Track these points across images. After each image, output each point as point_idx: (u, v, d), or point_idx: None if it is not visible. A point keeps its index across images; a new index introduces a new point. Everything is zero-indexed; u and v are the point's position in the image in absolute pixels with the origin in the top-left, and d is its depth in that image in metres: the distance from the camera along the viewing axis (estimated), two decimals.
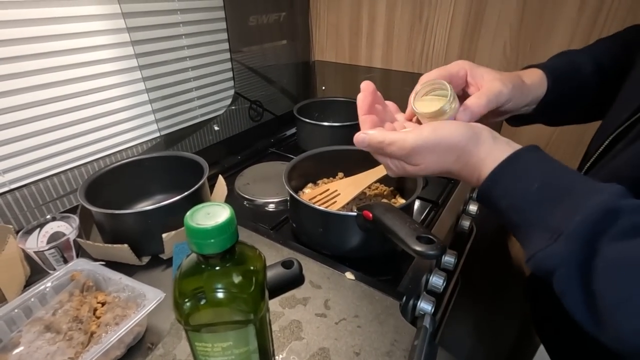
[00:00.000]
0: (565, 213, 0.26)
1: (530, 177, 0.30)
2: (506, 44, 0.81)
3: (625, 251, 0.24)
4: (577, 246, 0.25)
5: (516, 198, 0.30)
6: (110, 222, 0.56)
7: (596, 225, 0.25)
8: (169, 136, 0.83)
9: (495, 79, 0.41)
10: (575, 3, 0.71)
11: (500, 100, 0.40)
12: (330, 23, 1.05)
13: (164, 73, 0.78)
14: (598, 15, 0.70)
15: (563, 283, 0.26)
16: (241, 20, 0.90)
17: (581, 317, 0.26)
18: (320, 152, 0.72)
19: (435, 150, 0.35)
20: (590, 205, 0.25)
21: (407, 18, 0.91)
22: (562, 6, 0.73)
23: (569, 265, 0.25)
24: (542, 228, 0.27)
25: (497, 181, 0.31)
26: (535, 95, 0.45)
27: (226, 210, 0.25)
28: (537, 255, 0.27)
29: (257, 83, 1.01)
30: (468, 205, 0.82)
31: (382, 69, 1.01)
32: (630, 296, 0.23)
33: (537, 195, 0.29)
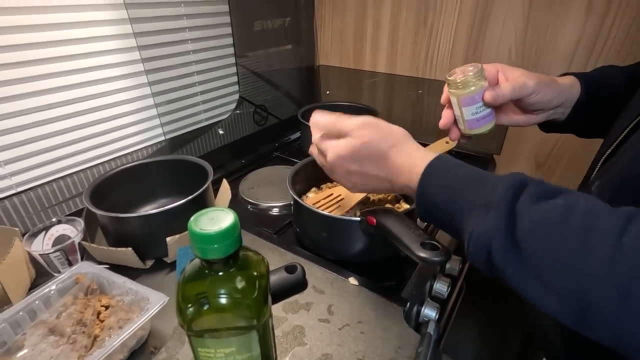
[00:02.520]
0: (489, 191, 0.30)
1: (455, 170, 0.34)
2: (511, 48, 0.81)
3: (542, 212, 0.27)
4: (504, 212, 0.28)
5: (449, 188, 0.33)
6: (114, 225, 0.56)
7: (515, 192, 0.28)
8: (173, 140, 0.83)
9: (522, 74, 0.45)
10: (581, 7, 0.71)
11: (525, 91, 0.43)
12: (334, 28, 1.06)
13: (169, 77, 0.78)
14: (604, 20, 0.70)
15: (500, 256, 0.27)
16: (247, 26, 0.91)
17: (530, 292, 0.26)
18: None
19: (378, 128, 0.41)
20: (505, 180, 0.30)
21: (412, 23, 0.92)
22: (568, 10, 0.72)
23: (500, 233, 0.27)
24: (475, 207, 0.30)
25: (431, 175, 0.35)
26: (568, 96, 0.47)
27: (230, 215, 0.25)
28: (473, 233, 0.29)
29: (262, 87, 1.02)
30: None
31: (387, 73, 1.01)
32: (557, 255, 0.25)
33: (464, 181, 0.32)
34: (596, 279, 0.23)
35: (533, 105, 0.45)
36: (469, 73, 0.43)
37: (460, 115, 0.47)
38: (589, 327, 0.24)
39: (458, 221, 0.32)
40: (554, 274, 0.25)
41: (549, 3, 0.74)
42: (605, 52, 0.72)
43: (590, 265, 0.23)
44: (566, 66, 0.77)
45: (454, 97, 0.46)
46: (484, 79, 0.44)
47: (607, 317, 0.23)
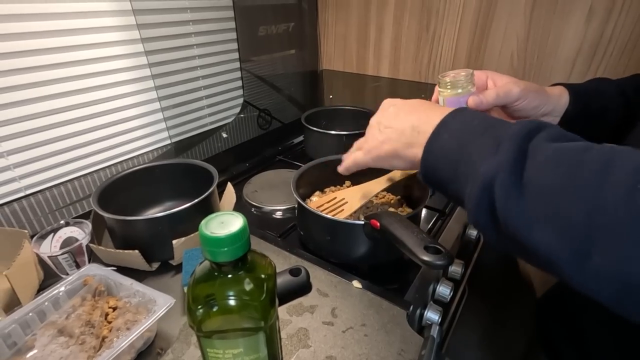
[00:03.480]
0: (502, 131, 0.29)
1: (472, 117, 0.34)
2: (513, 54, 0.82)
3: (557, 149, 0.26)
4: (513, 148, 0.27)
5: (462, 132, 0.33)
6: (121, 228, 0.57)
7: (530, 130, 0.28)
8: (179, 143, 0.84)
9: (510, 81, 0.45)
10: (582, 14, 0.72)
11: (509, 98, 0.44)
12: (338, 33, 1.07)
13: (175, 82, 0.80)
14: (605, 27, 0.71)
15: (503, 195, 0.26)
16: (251, 31, 0.92)
17: (535, 238, 0.24)
18: (328, 161, 0.72)
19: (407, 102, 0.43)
20: (521, 123, 0.29)
21: (414, 29, 0.93)
22: (570, 17, 0.73)
23: (505, 170, 0.26)
24: (483, 150, 0.29)
25: (447, 122, 0.35)
26: (556, 105, 0.47)
27: (239, 219, 0.26)
28: (477, 175, 0.28)
29: (266, 92, 1.03)
30: None
31: (390, 78, 1.02)
32: (569, 190, 0.23)
33: (479, 126, 0.32)
34: (610, 213, 0.21)
35: (519, 111, 0.46)
36: (460, 75, 0.45)
37: None
38: (595, 274, 0.22)
39: (463, 172, 0.30)
40: (565, 211, 0.23)
41: (550, 10, 0.75)
42: (607, 59, 0.73)
43: (606, 199, 0.21)
44: (568, 72, 0.77)
45: (442, 97, 0.47)
46: (473, 84, 0.45)
47: (614, 259, 0.21)
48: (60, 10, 0.60)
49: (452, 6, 0.85)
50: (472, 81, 0.45)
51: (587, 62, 0.75)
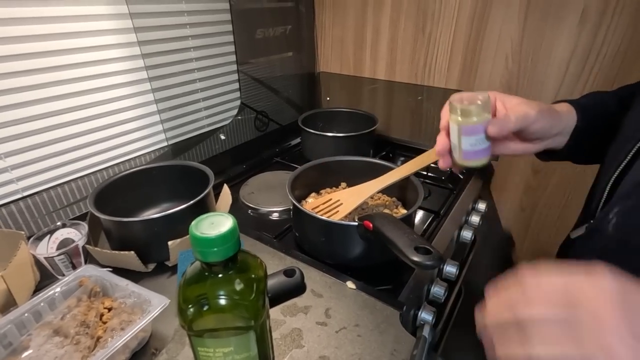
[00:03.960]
0: None
1: None
2: (508, 56, 0.83)
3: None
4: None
5: None
6: (118, 229, 0.58)
7: None
8: (176, 145, 0.85)
9: (521, 102, 0.43)
10: (575, 17, 0.73)
11: (528, 120, 0.41)
12: (335, 36, 1.08)
13: (172, 84, 0.80)
14: (598, 30, 0.71)
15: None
16: (248, 33, 0.93)
17: None
18: (324, 163, 0.73)
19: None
20: None
21: (411, 31, 0.93)
22: (563, 21, 0.74)
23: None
24: None
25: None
26: (566, 124, 0.46)
27: (229, 220, 0.27)
28: None
29: (263, 94, 1.04)
30: (470, 216, 0.82)
31: (386, 80, 1.03)
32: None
33: None
34: None
35: (534, 134, 0.44)
36: (477, 101, 0.41)
37: (458, 143, 0.43)
38: None
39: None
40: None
41: (544, 14, 0.75)
42: (600, 61, 0.73)
43: None
44: (562, 75, 0.78)
45: (455, 123, 0.42)
46: (489, 111, 0.42)
47: None
48: (59, 14, 0.61)
49: (447, 9, 0.86)
50: (489, 107, 0.41)
51: (581, 65, 0.76)
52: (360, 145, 0.91)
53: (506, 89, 0.86)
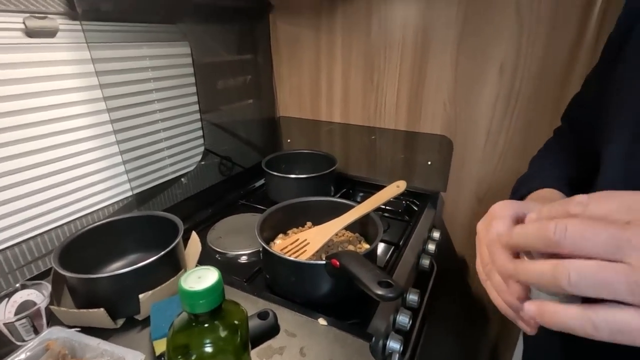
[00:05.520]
0: None
1: None
2: (445, 102, 0.95)
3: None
4: None
5: None
6: (84, 287, 0.57)
7: None
8: (141, 194, 0.85)
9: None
10: (496, 70, 0.86)
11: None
12: (292, 84, 1.16)
13: (137, 135, 0.82)
14: (514, 79, 0.85)
15: None
16: (211, 85, 0.98)
17: None
18: (289, 204, 0.77)
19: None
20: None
21: (361, 81, 1.04)
22: (487, 72, 0.87)
23: None
24: None
25: None
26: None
27: (215, 273, 0.30)
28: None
29: (227, 139, 1.08)
30: (427, 245, 0.90)
31: (342, 123, 1.12)
32: None
33: None
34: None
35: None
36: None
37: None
38: None
39: None
40: None
41: (470, 65, 0.89)
42: (520, 103, 0.87)
43: None
44: (490, 115, 0.91)
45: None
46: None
47: None
48: (22, 76, 0.62)
49: (391, 63, 0.98)
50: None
51: (505, 106, 0.89)
52: (322, 184, 0.97)
53: (446, 129, 0.97)
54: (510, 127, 0.90)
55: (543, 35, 0.79)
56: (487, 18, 0.84)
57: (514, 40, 0.82)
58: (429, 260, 0.86)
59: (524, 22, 0.80)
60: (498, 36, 0.84)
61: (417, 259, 0.83)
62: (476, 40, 0.86)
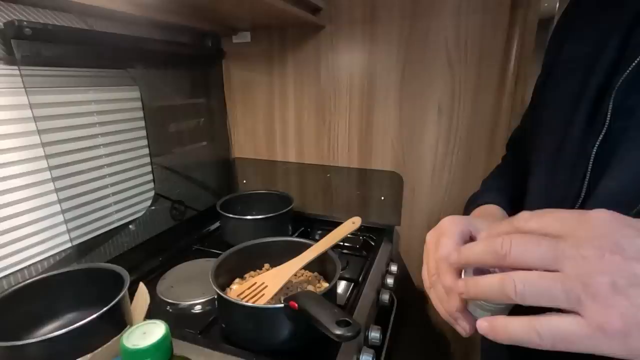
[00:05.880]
0: None
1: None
2: (393, 141, 1.01)
3: None
4: None
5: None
6: (10, 356, 0.49)
7: None
8: (81, 245, 0.78)
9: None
10: (435, 112, 0.94)
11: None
12: (247, 126, 1.18)
13: (79, 182, 0.77)
14: (452, 120, 0.94)
15: None
16: (161, 128, 0.96)
17: None
18: (245, 247, 0.75)
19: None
20: None
21: (313, 122, 1.08)
22: (427, 113, 0.95)
23: None
24: None
25: None
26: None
27: (161, 327, 0.28)
28: None
29: (179, 182, 1.04)
30: (386, 279, 0.91)
31: (297, 162, 1.14)
32: None
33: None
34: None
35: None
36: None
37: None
38: None
39: None
40: None
41: (412, 107, 0.96)
42: (459, 140, 0.95)
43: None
44: (434, 153, 0.98)
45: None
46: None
47: None
48: None
49: (340, 106, 1.04)
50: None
51: (446, 144, 0.96)
52: (279, 224, 0.97)
53: (396, 165, 1.03)
54: (452, 162, 0.97)
55: (472, 81, 0.89)
56: (423, 65, 0.93)
57: (448, 85, 0.92)
58: (389, 294, 0.86)
59: (455, 69, 0.90)
60: (434, 82, 0.93)
61: (377, 294, 0.84)
62: (415, 85, 0.95)
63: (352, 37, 0.98)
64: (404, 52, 0.94)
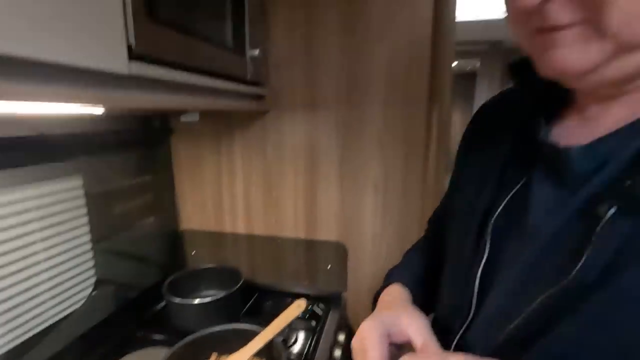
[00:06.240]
0: None
1: None
2: (336, 214, 1.09)
3: None
4: None
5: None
6: None
7: None
8: (10, 354, 0.73)
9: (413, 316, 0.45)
10: (371, 187, 1.05)
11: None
12: (195, 200, 1.20)
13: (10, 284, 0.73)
14: (386, 195, 1.04)
15: None
16: (105, 212, 0.95)
17: None
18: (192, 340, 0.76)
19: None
20: None
21: (261, 196, 1.13)
22: (365, 189, 1.05)
23: None
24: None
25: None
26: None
27: None
28: None
29: (123, 263, 1.02)
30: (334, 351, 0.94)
31: (246, 234, 1.17)
32: None
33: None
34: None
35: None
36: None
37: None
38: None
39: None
40: None
41: (352, 183, 1.06)
42: (393, 214, 1.05)
43: None
44: (373, 223, 1.07)
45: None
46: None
47: None
48: None
49: (287, 180, 1.11)
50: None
51: (382, 217, 1.06)
52: (229, 304, 0.97)
53: (340, 235, 1.10)
54: (389, 234, 1.07)
55: (401, 164, 1.01)
56: (359, 148, 1.04)
57: (381, 167, 1.03)
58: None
59: (386, 152, 1.02)
60: (369, 163, 1.04)
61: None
62: (353, 165, 1.05)
63: (295, 120, 1.07)
64: (342, 135, 1.04)
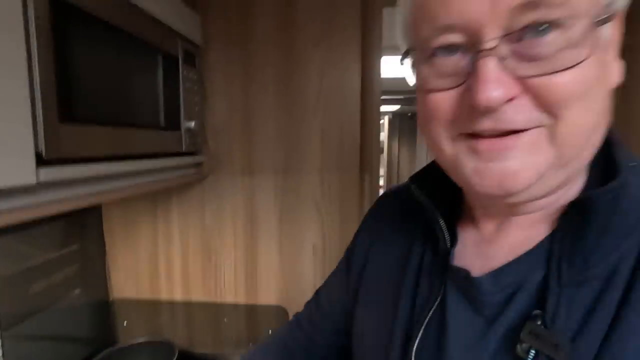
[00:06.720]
0: None
1: None
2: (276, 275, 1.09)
3: None
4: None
5: None
6: None
7: None
8: None
9: None
10: (310, 250, 1.07)
11: None
12: (128, 266, 1.14)
13: None
14: (325, 256, 1.07)
15: None
16: (18, 293, 0.87)
17: None
18: None
19: None
20: None
21: (199, 261, 1.11)
22: (304, 252, 1.07)
23: None
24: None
25: None
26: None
27: None
28: None
29: (41, 346, 0.93)
30: None
31: (184, 301, 1.13)
32: None
33: None
34: None
35: None
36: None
37: None
38: None
39: None
40: None
41: (291, 247, 1.08)
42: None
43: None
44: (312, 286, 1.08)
45: None
46: None
47: None
48: None
49: (226, 246, 1.10)
50: None
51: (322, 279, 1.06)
52: None
53: (280, 299, 1.10)
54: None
55: (337, 227, 1.06)
56: (297, 211, 1.07)
57: (319, 229, 1.06)
58: None
59: (323, 215, 1.06)
60: (307, 225, 1.07)
61: None
62: (292, 228, 1.07)
63: (234, 185, 1.08)
64: (280, 200, 1.07)
